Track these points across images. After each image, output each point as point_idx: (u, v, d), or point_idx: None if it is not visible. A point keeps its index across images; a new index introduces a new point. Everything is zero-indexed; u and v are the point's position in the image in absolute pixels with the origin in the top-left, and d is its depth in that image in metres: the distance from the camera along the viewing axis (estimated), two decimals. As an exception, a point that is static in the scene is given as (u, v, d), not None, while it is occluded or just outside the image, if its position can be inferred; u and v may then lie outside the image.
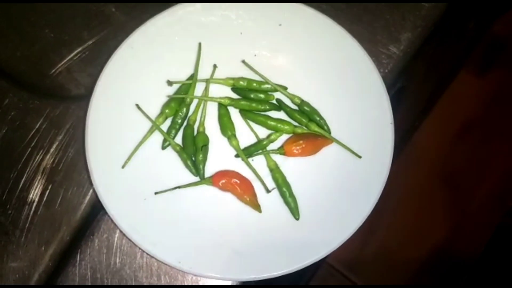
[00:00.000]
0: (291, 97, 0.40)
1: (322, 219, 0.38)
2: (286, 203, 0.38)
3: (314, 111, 0.39)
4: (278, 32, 0.41)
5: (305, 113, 0.39)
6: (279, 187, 0.38)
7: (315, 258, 0.37)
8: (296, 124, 0.40)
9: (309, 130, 0.39)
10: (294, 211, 0.38)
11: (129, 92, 0.39)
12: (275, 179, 0.39)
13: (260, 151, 0.39)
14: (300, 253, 0.37)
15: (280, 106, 0.40)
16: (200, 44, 0.40)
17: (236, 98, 0.40)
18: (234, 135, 0.39)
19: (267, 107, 0.40)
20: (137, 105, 0.39)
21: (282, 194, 0.38)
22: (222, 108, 0.40)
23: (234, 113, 0.40)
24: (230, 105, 0.40)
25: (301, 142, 0.38)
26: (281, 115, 0.40)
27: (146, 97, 0.39)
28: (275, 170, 0.39)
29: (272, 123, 0.39)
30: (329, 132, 0.39)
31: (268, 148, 0.40)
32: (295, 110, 0.40)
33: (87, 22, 0.46)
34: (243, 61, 0.40)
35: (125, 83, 0.39)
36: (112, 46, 0.40)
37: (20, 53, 0.45)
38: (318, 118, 0.39)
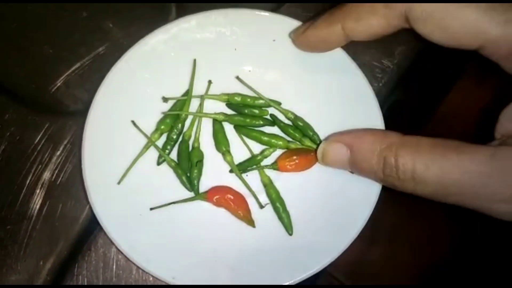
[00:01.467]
0: (285, 112, 0.40)
1: (317, 233, 0.38)
2: (280, 218, 0.38)
3: (308, 126, 0.40)
4: (272, 48, 0.41)
5: (299, 128, 0.40)
6: (272, 202, 0.39)
7: (311, 272, 0.37)
8: (289, 139, 0.40)
9: (302, 145, 0.40)
10: (288, 227, 0.38)
11: (125, 108, 0.40)
12: (269, 195, 0.39)
13: (254, 166, 0.40)
14: (296, 267, 0.37)
15: (274, 121, 0.40)
16: (195, 60, 0.41)
17: (230, 114, 0.41)
18: (229, 151, 0.39)
19: (261, 122, 0.40)
20: (132, 121, 0.39)
21: (276, 210, 0.39)
22: (217, 124, 0.40)
23: (229, 129, 0.41)
24: (224, 120, 0.40)
25: (294, 157, 0.38)
26: (275, 130, 0.41)
27: (142, 113, 0.40)
28: (268, 186, 0.39)
29: (266, 138, 0.40)
30: None
31: (262, 163, 0.40)
32: (288, 125, 0.40)
33: (85, 38, 0.46)
34: (237, 77, 0.41)
35: (121, 100, 0.39)
36: (110, 62, 0.41)
37: (19, 69, 0.46)
38: (311, 133, 0.39)
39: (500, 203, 0.26)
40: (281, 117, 0.41)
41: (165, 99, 0.40)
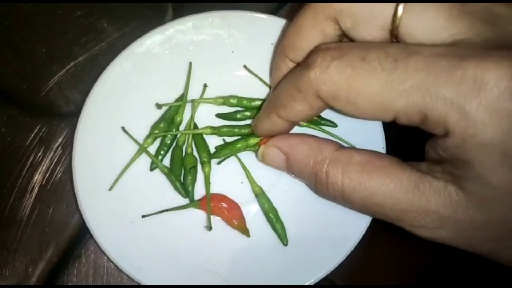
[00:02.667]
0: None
1: (313, 244, 0.37)
2: (274, 229, 0.37)
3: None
4: (270, 51, 0.40)
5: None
6: (265, 213, 0.38)
7: (308, 283, 0.36)
8: None
9: None
10: (282, 237, 0.37)
11: (117, 112, 0.38)
12: (261, 205, 0.38)
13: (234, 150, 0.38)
14: (290, 279, 0.36)
15: None
16: (190, 63, 0.39)
17: (218, 126, 0.39)
18: (209, 162, 0.38)
19: (250, 130, 0.39)
20: (123, 128, 0.38)
21: (269, 220, 0.37)
22: (198, 135, 0.39)
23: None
24: (212, 134, 0.39)
25: None
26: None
27: (136, 118, 0.39)
28: (260, 196, 0.38)
29: (253, 141, 0.38)
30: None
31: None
32: None
33: (78, 38, 0.45)
34: (244, 66, 0.40)
35: (114, 104, 0.38)
36: (103, 62, 0.40)
37: (11, 69, 0.45)
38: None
39: (421, 228, 0.27)
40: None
41: (158, 106, 0.39)
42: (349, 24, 0.28)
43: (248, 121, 0.40)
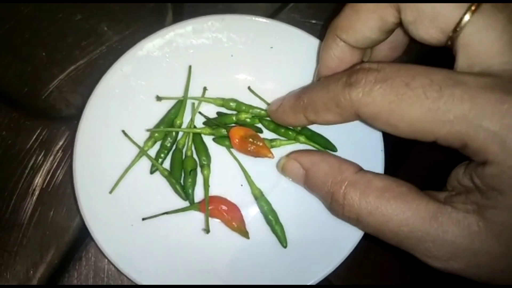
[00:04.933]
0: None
1: (312, 246, 0.38)
2: (273, 231, 0.38)
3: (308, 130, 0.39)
4: (269, 55, 0.40)
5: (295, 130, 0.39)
6: (265, 215, 0.38)
7: (307, 285, 0.36)
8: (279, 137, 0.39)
9: (298, 142, 0.39)
10: (282, 239, 0.37)
11: (118, 115, 0.39)
12: (260, 207, 0.38)
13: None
14: (290, 280, 0.37)
15: (261, 129, 0.40)
16: (190, 67, 0.40)
17: (215, 127, 0.40)
18: (208, 165, 0.39)
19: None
20: (123, 131, 0.38)
21: (269, 223, 0.38)
22: (197, 137, 0.39)
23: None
24: (211, 134, 0.39)
25: (250, 144, 0.37)
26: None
27: (136, 121, 0.39)
28: (260, 198, 0.38)
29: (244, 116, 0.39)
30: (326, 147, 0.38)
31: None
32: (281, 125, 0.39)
33: (79, 41, 0.45)
34: (249, 88, 0.40)
35: (114, 107, 0.38)
36: (104, 66, 0.40)
37: (12, 72, 0.45)
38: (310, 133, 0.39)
39: (434, 259, 0.27)
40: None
41: (158, 98, 0.39)
42: (411, 17, 0.27)
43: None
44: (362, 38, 0.31)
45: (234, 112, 0.40)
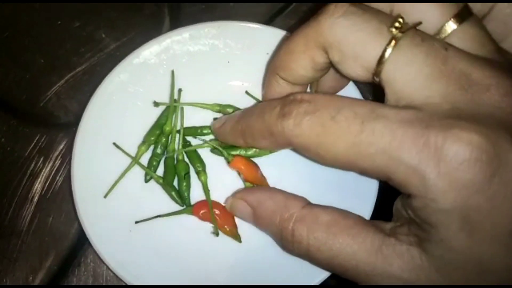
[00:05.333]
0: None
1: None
2: None
3: None
4: (266, 61, 0.40)
5: None
6: None
7: (307, 285, 0.36)
8: None
9: None
10: None
11: (115, 122, 0.39)
12: None
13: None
14: (286, 282, 0.37)
15: None
16: (172, 71, 0.40)
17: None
18: (204, 170, 0.39)
19: None
20: (114, 143, 0.38)
21: None
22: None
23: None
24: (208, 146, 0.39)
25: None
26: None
27: (133, 128, 0.39)
28: None
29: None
30: None
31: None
32: None
33: (77, 48, 0.46)
34: (246, 92, 0.40)
35: (112, 114, 0.39)
36: (101, 72, 0.41)
37: (11, 78, 0.45)
38: None
39: None
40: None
41: (156, 104, 0.39)
42: (336, 58, 0.28)
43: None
44: (298, 76, 0.31)
45: None
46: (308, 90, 0.36)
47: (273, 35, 0.40)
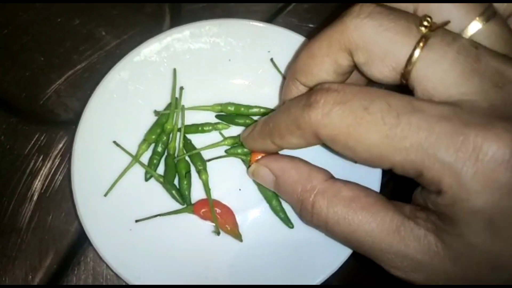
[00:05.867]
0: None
1: (309, 249, 0.38)
2: (277, 214, 0.38)
3: None
4: (267, 59, 0.40)
5: None
6: (268, 201, 0.38)
7: (307, 285, 0.36)
8: None
9: None
10: (286, 221, 0.38)
11: (116, 120, 0.39)
12: (263, 192, 0.39)
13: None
14: (286, 282, 0.37)
15: None
16: (175, 69, 0.40)
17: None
18: (205, 169, 0.39)
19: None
20: (114, 141, 0.38)
21: (274, 209, 0.38)
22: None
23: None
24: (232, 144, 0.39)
25: None
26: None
27: (133, 126, 0.39)
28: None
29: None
30: None
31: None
32: None
33: (77, 46, 0.46)
34: (271, 59, 0.40)
35: (112, 112, 0.39)
36: (102, 70, 0.40)
37: (10, 77, 0.45)
38: None
39: (397, 269, 0.27)
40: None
41: (156, 113, 0.39)
42: (362, 59, 0.27)
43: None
44: (320, 81, 0.30)
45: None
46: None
47: (274, 33, 0.39)
